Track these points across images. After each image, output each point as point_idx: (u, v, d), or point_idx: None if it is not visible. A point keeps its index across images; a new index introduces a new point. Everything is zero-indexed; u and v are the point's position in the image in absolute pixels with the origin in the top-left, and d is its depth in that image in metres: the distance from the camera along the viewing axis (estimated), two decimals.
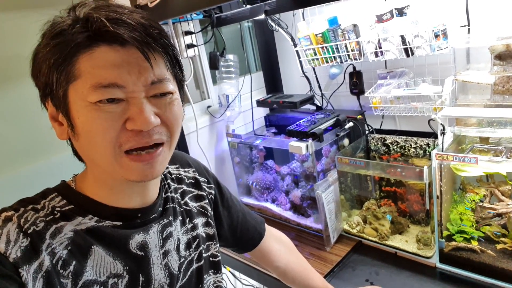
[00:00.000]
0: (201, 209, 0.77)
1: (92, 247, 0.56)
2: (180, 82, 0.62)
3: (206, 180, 0.82)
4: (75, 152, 0.61)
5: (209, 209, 0.79)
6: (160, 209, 0.68)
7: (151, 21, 0.55)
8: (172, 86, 0.57)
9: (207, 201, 0.80)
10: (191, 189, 0.78)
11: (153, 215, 0.66)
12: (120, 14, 0.51)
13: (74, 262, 0.54)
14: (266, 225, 0.97)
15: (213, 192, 0.82)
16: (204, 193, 0.80)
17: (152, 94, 0.55)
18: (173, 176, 0.77)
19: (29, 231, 0.53)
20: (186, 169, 0.80)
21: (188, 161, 0.83)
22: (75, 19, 0.52)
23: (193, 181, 0.79)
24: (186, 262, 0.70)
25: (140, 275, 0.61)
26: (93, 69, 0.51)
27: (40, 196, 0.59)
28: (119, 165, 0.54)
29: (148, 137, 0.54)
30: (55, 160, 1.17)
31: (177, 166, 0.80)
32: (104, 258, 0.57)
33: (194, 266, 0.71)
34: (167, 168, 0.77)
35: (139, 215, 0.63)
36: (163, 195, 0.70)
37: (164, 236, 0.66)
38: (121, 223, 0.61)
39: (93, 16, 0.50)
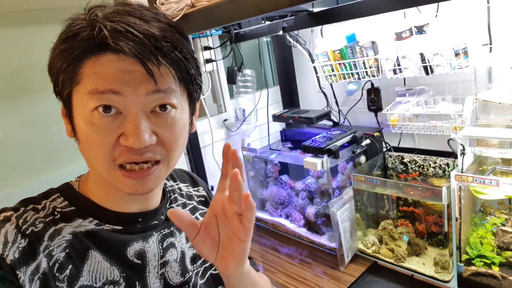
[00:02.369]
0: None
1: (90, 251, 0.56)
2: (191, 97, 0.60)
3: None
4: None
5: None
6: (163, 217, 0.67)
7: (169, 32, 0.53)
8: (176, 99, 0.55)
9: None
10: (201, 207, 0.79)
11: (154, 222, 0.65)
12: (130, 26, 0.50)
13: (70, 266, 0.53)
14: None
15: None
16: None
17: (152, 107, 0.53)
18: (182, 192, 0.77)
19: (27, 232, 0.52)
20: (196, 188, 0.82)
21: (197, 181, 0.84)
22: (87, 24, 0.51)
23: (202, 199, 0.80)
24: (193, 274, 0.69)
25: (137, 283, 0.60)
26: (93, 74, 0.51)
27: (43, 196, 0.59)
28: (112, 177, 0.54)
29: (139, 154, 0.53)
30: (74, 170, 1.18)
31: (187, 184, 0.81)
32: (101, 263, 0.56)
33: (200, 281, 0.71)
34: (178, 184, 0.78)
35: (140, 219, 0.63)
36: (167, 206, 0.70)
37: (164, 246, 0.65)
38: (121, 227, 0.60)
39: (99, 25, 0.50)
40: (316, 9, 1.23)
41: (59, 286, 0.52)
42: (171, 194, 0.74)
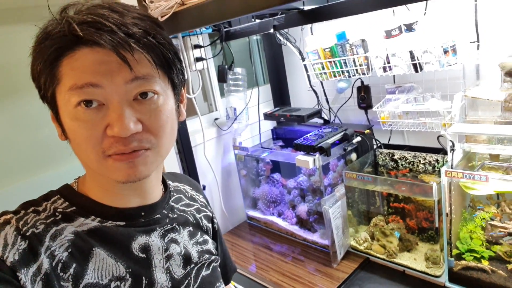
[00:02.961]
0: (207, 230, 0.79)
1: (94, 249, 0.56)
2: (173, 82, 0.59)
3: (210, 210, 0.84)
4: None
5: (212, 232, 0.82)
6: (165, 212, 0.68)
7: (139, 20, 0.53)
8: (157, 86, 0.55)
9: (214, 226, 0.82)
10: (204, 209, 0.80)
11: (157, 216, 0.65)
12: (99, 16, 0.50)
13: (74, 265, 0.53)
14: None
15: (215, 226, 0.84)
16: (212, 217, 0.83)
17: (133, 94, 0.53)
18: (187, 194, 0.79)
19: (28, 234, 0.52)
20: (198, 194, 0.83)
21: (199, 189, 0.85)
22: (59, 22, 0.51)
23: (203, 204, 0.82)
24: (196, 267, 0.69)
25: (144, 277, 0.60)
26: (71, 70, 0.51)
27: (43, 198, 0.59)
28: (104, 167, 0.54)
29: (127, 143, 0.53)
30: (65, 170, 1.17)
31: (192, 188, 0.82)
32: (106, 260, 0.56)
33: (204, 272, 0.71)
34: (183, 185, 0.80)
35: (142, 213, 0.63)
36: (170, 202, 0.71)
37: (166, 240, 0.65)
38: (124, 223, 0.60)
39: (67, 20, 0.49)
40: (306, 7, 1.23)
41: (64, 285, 0.52)
42: (175, 193, 0.74)
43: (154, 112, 0.55)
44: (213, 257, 0.74)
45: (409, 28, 1.20)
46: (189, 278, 0.67)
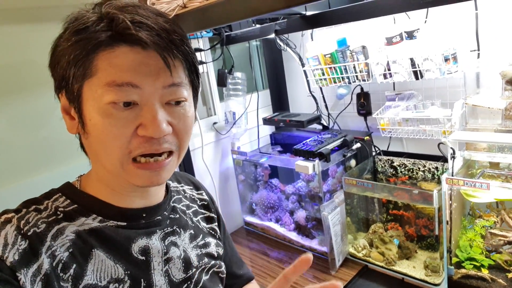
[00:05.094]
0: (211, 231, 0.78)
1: (93, 250, 0.55)
2: (195, 89, 0.62)
3: (213, 210, 0.83)
4: (82, 147, 0.61)
5: (218, 231, 0.80)
6: (166, 213, 0.67)
7: (175, 26, 0.55)
8: (186, 92, 0.57)
9: (217, 223, 0.81)
10: (202, 211, 0.79)
11: (158, 217, 0.65)
12: (146, 18, 0.52)
13: (74, 265, 0.53)
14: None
15: (217, 224, 0.83)
16: (214, 216, 0.81)
17: (167, 100, 0.54)
18: (186, 195, 0.78)
19: (29, 233, 0.52)
20: (199, 192, 0.82)
21: (199, 186, 0.84)
22: (99, 17, 0.51)
23: (205, 203, 0.80)
24: (197, 271, 0.68)
25: (142, 280, 0.59)
26: (110, 67, 0.50)
27: (44, 196, 0.59)
28: (125, 171, 0.55)
29: (158, 144, 0.54)
30: (64, 171, 1.16)
31: (191, 187, 0.81)
32: (105, 262, 0.56)
33: (204, 277, 0.70)
34: (182, 186, 0.79)
35: (144, 215, 0.63)
36: (171, 203, 0.70)
37: (166, 244, 0.65)
38: (125, 223, 0.60)
39: (118, 17, 0.50)
40: (308, 12, 1.24)
41: (64, 286, 0.52)
42: (175, 194, 0.74)
43: (183, 117, 0.57)
44: (213, 261, 0.73)
45: (410, 35, 1.20)
46: (188, 282, 0.66)
